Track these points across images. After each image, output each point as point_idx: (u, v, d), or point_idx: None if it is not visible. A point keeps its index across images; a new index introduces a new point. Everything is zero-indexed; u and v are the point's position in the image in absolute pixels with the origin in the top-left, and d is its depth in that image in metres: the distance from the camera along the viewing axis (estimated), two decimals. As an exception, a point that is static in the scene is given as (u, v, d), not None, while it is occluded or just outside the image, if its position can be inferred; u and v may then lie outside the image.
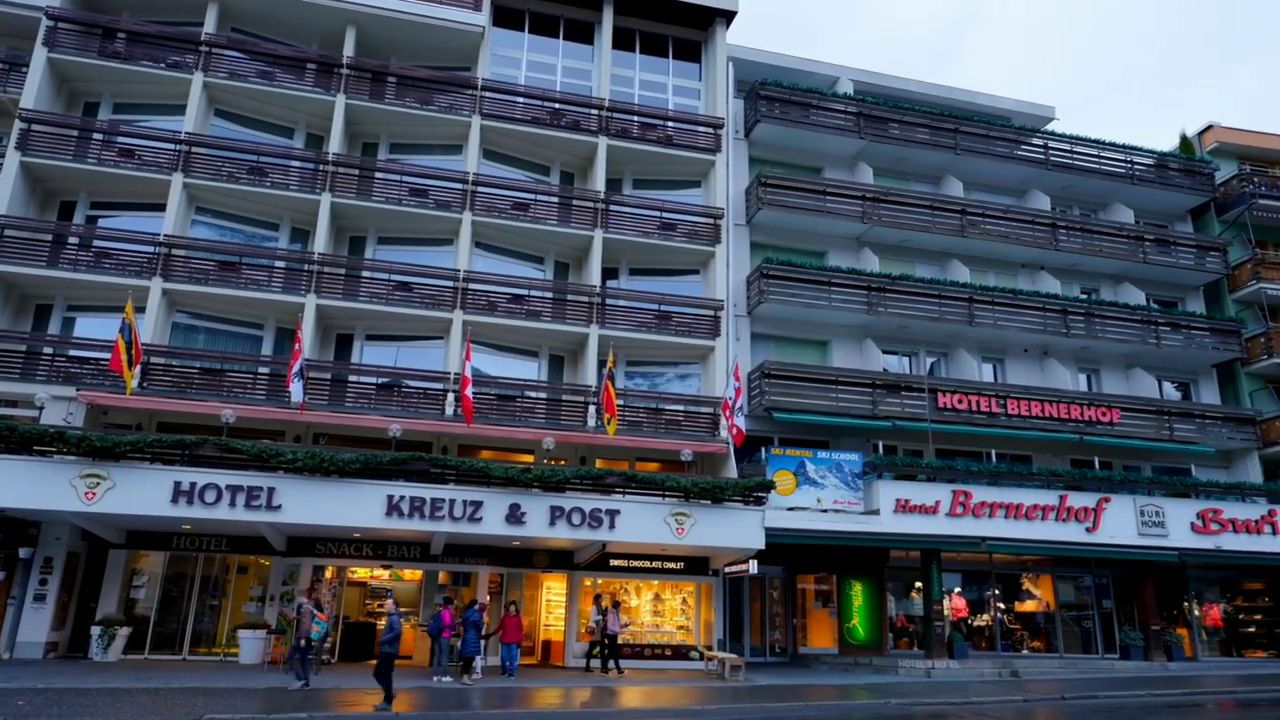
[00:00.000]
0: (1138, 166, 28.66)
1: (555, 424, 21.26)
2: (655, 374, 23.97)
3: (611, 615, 19.23)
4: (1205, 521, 22.95)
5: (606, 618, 19.11)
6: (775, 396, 22.55)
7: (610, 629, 19.10)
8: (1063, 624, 23.99)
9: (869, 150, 26.41)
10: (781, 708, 14.72)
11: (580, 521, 18.48)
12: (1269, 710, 15.27)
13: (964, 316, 24.69)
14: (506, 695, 15.32)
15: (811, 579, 24.23)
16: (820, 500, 21.38)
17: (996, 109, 29.31)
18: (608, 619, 19.11)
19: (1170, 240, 28.09)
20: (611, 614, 19.25)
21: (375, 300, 21.41)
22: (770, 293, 23.37)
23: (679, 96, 26.02)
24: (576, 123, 23.94)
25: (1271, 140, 31.54)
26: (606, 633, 19.08)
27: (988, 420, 23.85)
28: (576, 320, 22.46)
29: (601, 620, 19.18)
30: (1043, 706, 15.60)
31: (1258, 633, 25.60)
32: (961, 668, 20.27)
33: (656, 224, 23.89)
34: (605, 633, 19.09)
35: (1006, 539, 21.68)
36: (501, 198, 23.00)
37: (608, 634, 19.08)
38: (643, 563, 21.47)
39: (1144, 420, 25.27)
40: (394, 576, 22.21)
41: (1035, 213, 26.95)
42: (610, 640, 19.09)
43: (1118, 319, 26.14)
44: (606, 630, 19.08)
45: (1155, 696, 16.78)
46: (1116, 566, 23.76)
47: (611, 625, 19.13)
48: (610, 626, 19.08)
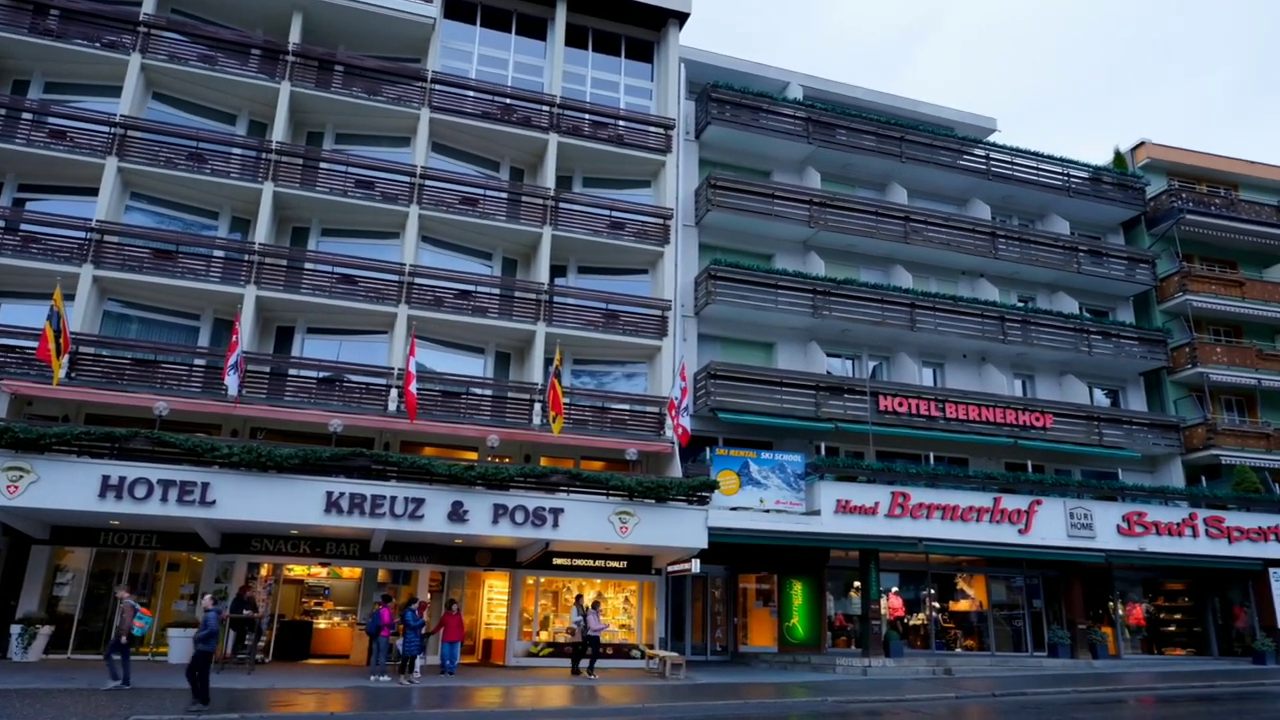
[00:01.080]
0: (1074, 179, 29.58)
1: (500, 421, 21.12)
2: (602, 373, 23.97)
3: (592, 615, 18.86)
4: (1130, 524, 23.77)
5: (588, 618, 18.71)
6: (721, 397, 22.73)
7: (593, 629, 18.71)
8: (995, 623, 24.63)
9: (817, 155, 26.77)
10: (721, 706, 14.85)
11: (524, 520, 18.39)
12: (1186, 706, 15.90)
13: (906, 321, 25.19)
14: (446, 694, 15.17)
15: (753, 578, 24.48)
16: (763, 500, 21.60)
17: (941, 119, 29.96)
18: (589, 619, 18.71)
19: (1103, 252, 29.05)
20: (592, 614, 18.88)
21: (318, 293, 21.00)
22: (717, 294, 23.54)
23: (631, 96, 26.05)
24: (527, 119, 23.80)
25: (1199, 158, 32.82)
26: (588, 633, 18.64)
27: (927, 423, 24.37)
28: (524, 317, 22.33)
29: (583, 621, 18.79)
30: (974, 703, 15.99)
31: (1177, 631, 26.62)
32: (897, 666, 20.67)
33: (606, 223, 23.88)
34: (587, 633, 18.64)
35: (943, 540, 22.19)
36: (450, 192, 22.75)
37: (590, 634, 18.63)
38: (586, 561, 21.45)
39: (1075, 425, 26.10)
40: (332, 574, 21.83)
41: (976, 221, 27.63)
42: (592, 641, 18.66)
43: (1052, 327, 26.96)
44: (588, 630, 18.64)
45: (1080, 693, 17.32)
46: (1047, 567, 24.46)
47: (594, 625, 18.75)
48: (593, 626, 18.71)
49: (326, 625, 22.06)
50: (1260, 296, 30.00)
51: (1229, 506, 25.06)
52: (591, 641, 18.66)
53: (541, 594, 21.66)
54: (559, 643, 21.07)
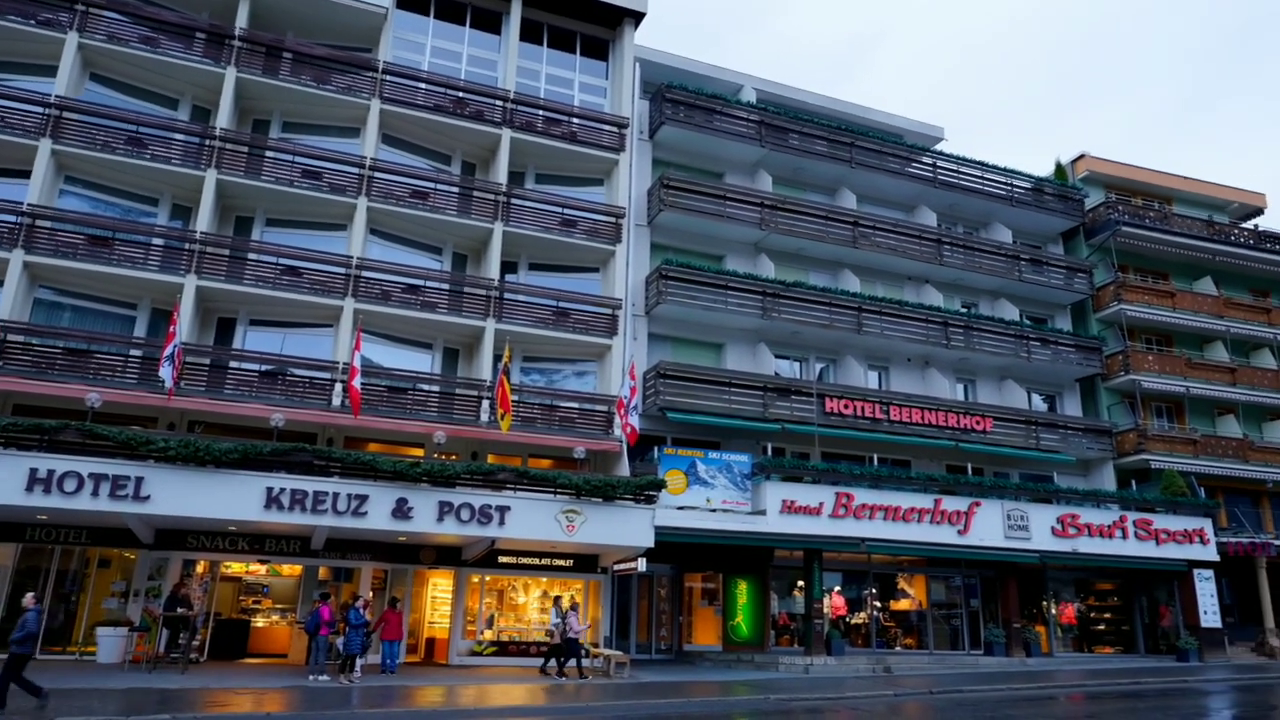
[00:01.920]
0: (1017, 189, 30.33)
1: (447, 418, 20.90)
2: (552, 370, 23.88)
3: (573, 616, 18.61)
4: (1064, 526, 24.46)
5: (569, 619, 18.46)
6: (670, 397, 22.81)
7: (575, 630, 18.43)
8: (934, 622, 25.14)
9: (769, 159, 27.02)
10: (664, 704, 14.91)
11: (470, 517, 18.22)
12: (1114, 703, 16.41)
13: (853, 325, 25.57)
14: (387, 694, 14.97)
15: (699, 577, 24.62)
16: (710, 500, 21.74)
17: (890, 126, 30.46)
18: (570, 620, 18.45)
19: (1043, 260, 29.85)
20: (573, 615, 18.64)
21: (261, 284, 20.54)
22: (668, 294, 23.62)
23: (585, 94, 25.98)
24: (480, 113, 23.59)
25: (1136, 172, 33.90)
26: (569, 635, 18.34)
27: (871, 425, 24.76)
28: (473, 313, 22.14)
29: (561, 623, 18.52)
30: (912, 701, 16.30)
31: (1107, 630, 27.48)
32: (839, 664, 20.98)
33: (558, 220, 23.79)
34: (567, 635, 18.34)
35: (885, 540, 22.58)
36: (400, 184, 22.45)
37: (571, 636, 18.33)
38: (532, 560, 21.35)
39: (1014, 429, 26.77)
40: (271, 572, 21.41)
41: (922, 228, 28.15)
42: (571, 643, 18.32)
43: (994, 333, 27.61)
44: (569, 633, 18.35)
45: (1014, 691, 17.78)
46: (984, 567, 25.04)
47: (575, 627, 18.48)
48: (574, 628, 18.44)
49: (265, 624, 21.60)
50: (1190, 307, 31.11)
51: (1157, 509, 25.94)
52: (572, 643, 18.29)
53: (487, 592, 21.51)
54: (503, 641, 20.96)
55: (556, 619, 18.80)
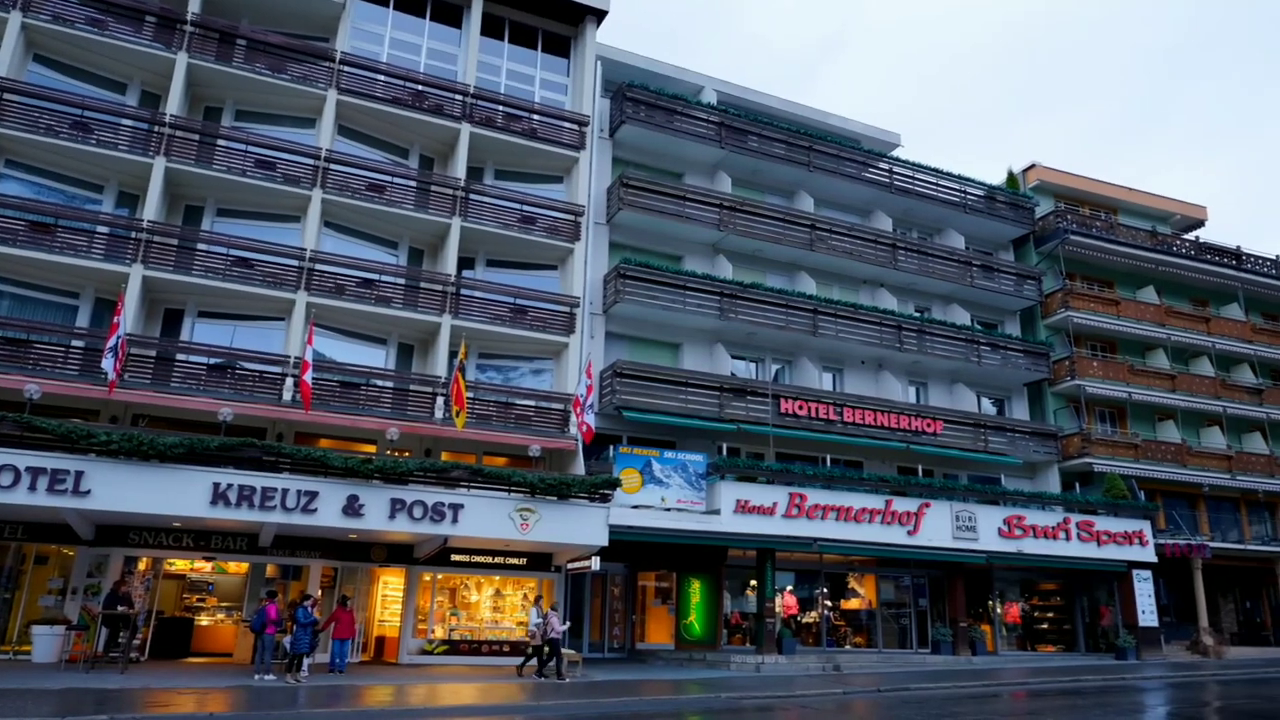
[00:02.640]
0: (970, 196, 30.89)
1: (401, 414, 20.67)
2: (508, 368, 23.74)
3: (554, 617, 18.28)
4: (1011, 527, 24.99)
5: (549, 620, 18.12)
6: (626, 396, 22.82)
7: (556, 630, 18.08)
8: (883, 621, 25.52)
9: (728, 160, 27.17)
10: (616, 703, 14.91)
11: (422, 515, 18.04)
12: (1055, 700, 16.81)
13: (808, 327, 25.84)
14: (336, 693, 14.75)
15: (652, 576, 24.68)
16: (664, 499, 21.80)
17: (848, 131, 30.82)
18: (551, 620, 18.12)
19: (994, 267, 30.45)
20: (553, 615, 18.31)
21: (211, 275, 20.10)
22: (626, 293, 23.63)
23: (546, 90, 25.86)
24: (439, 107, 23.36)
25: (1084, 182, 34.74)
26: (551, 635, 18.00)
27: (825, 427, 25.05)
28: (429, 309, 21.92)
29: (542, 624, 18.19)
30: (860, 698, 16.52)
31: (1049, 629, 28.15)
32: (789, 662, 21.18)
33: (517, 216, 23.65)
34: (549, 635, 18.00)
35: (837, 540, 22.85)
36: (356, 177, 22.13)
37: (552, 636, 18.00)
38: (485, 558, 21.21)
39: (964, 432, 27.29)
40: (217, 569, 20.98)
41: (878, 233, 28.54)
42: (553, 643, 17.98)
43: (946, 337, 28.10)
44: (550, 633, 18.00)
45: (959, 688, 18.11)
46: (932, 567, 25.49)
47: (557, 626, 18.16)
48: (556, 628, 18.11)
49: (209, 622, 21.17)
50: (1134, 315, 31.99)
51: (1099, 511, 26.63)
52: (554, 644, 17.95)
53: (438, 591, 21.31)
54: (454, 640, 20.79)
55: (538, 619, 18.40)
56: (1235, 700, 16.79)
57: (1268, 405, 33.20)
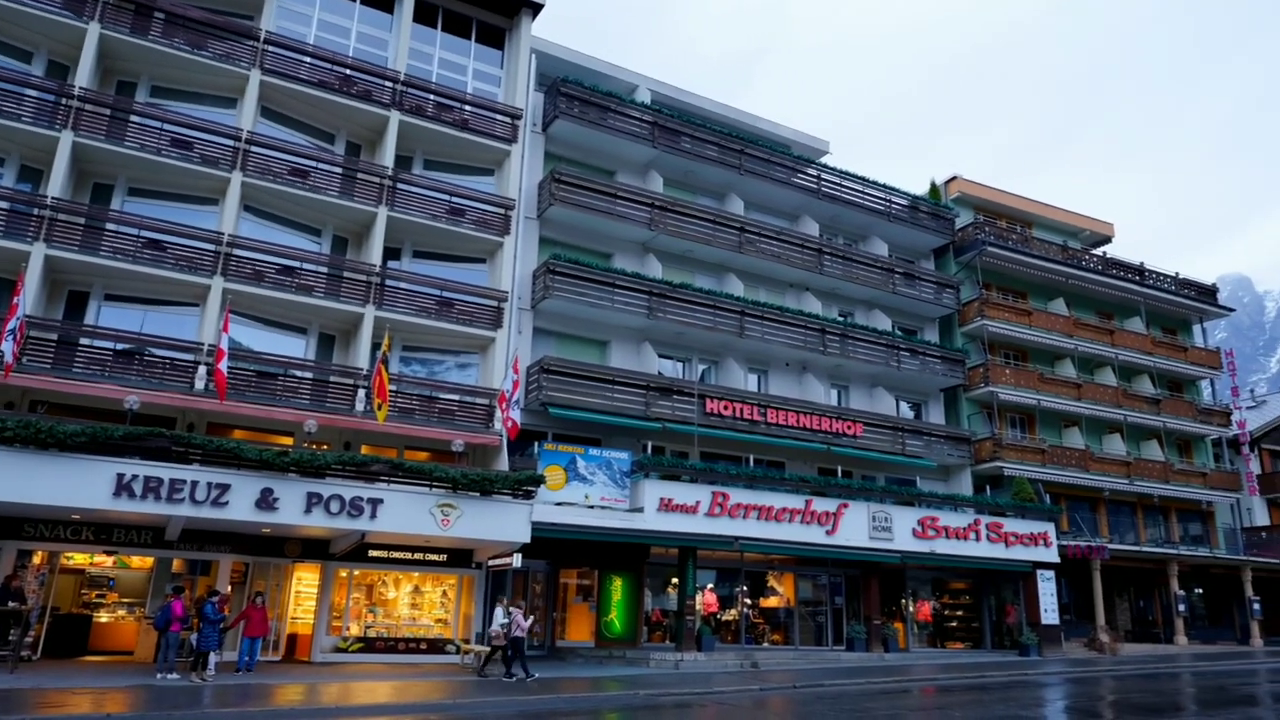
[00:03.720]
0: (894, 205, 31.69)
1: (320, 406, 20.14)
2: (434, 361, 23.36)
3: (517, 614, 17.92)
4: (924, 528, 25.73)
5: (515, 617, 17.79)
6: (553, 392, 22.71)
7: (520, 628, 17.74)
8: (800, 618, 25.98)
9: (661, 160, 27.27)
10: (534, 700, 14.83)
11: (339, 509, 17.61)
12: (962, 695, 17.38)
13: (735, 328, 26.13)
14: (243, 692, 14.30)
15: (574, 573, 24.61)
16: (588, 497, 21.77)
17: (779, 136, 31.27)
18: (516, 618, 17.79)
19: (916, 275, 31.31)
20: (517, 613, 17.94)
21: (120, 257, 19.24)
22: (555, 289, 23.50)
23: (479, 82, 25.53)
24: (368, 92, 22.83)
25: (1002, 195, 36.02)
26: (515, 634, 17.67)
27: (749, 427, 25.37)
28: (352, 299, 21.41)
29: (508, 623, 17.83)
30: (776, 695, 16.78)
31: (959, 627, 29.09)
32: (708, 659, 21.38)
33: (445, 208, 23.29)
34: (513, 634, 17.67)
35: (758, 539, 23.17)
36: (279, 161, 21.47)
37: (515, 635, 17.66)
38: (404, 554, 20.83)
39: (882, 435, 27.98)
40: (119, 564, 20.09)
41: (805, 237, 29.05)
42: (516, 641, 17.64)
43: (868, 342, 28.77)
44: (514, 631, 17.67)
45: (872, 684, 18.56)
46: (849, 566, 26.05)
47: (523, 624, 17.84)
48: (523, 626, 17.80)
49: (109, 619, 20.27)
50: (1045, 326, 33.30)
51: (1008, 514, 27.63)
52: (517, 642, 17.64)
53: (355, 587, 20.85)
54: (370, 638, 20.37)
55: (504, 618, 18.00)
56: (1129, 695, 17.63)
57: (1164, 415, 34.99)
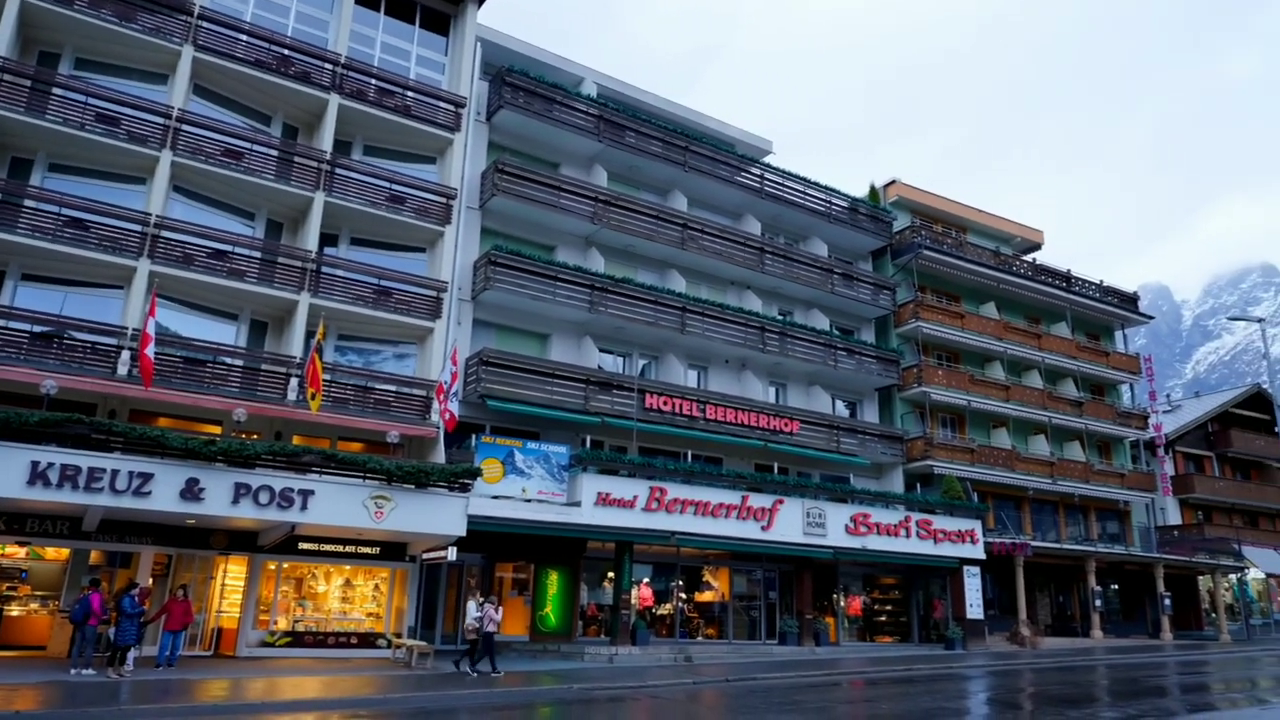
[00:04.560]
0: (835, 207, 32.19)
1: (251, 395, 19.62)
2: (370, 351, 22.95)
3: (490, 608, 17.67)
4: (857, 524, 26.23)
5: (486, 613, 17.51)
6: (491, 384, 22.51)
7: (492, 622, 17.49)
8: (734, 613, 26.26)
9: (606, 154, 27.21)
10: (467, 695, 14.71)
11: (269, 501, 17.17)
12: (889, 687, 17.79)
13: (677, 324, 26.24)
14: (164, 688, 13.87)
15: (510, 567, 24.47)
16: (525, 490, 21.65)
17: (724, 135, 31.47)
18: (488, 613, 17.52)
19: (854, 276, 31.86)
20: (490, 607, 17.70)
21: (40, 235, 18.42)
22: (496, 280, 23.29)
23: (422, 68, 25.12)
24: (307, 74, 22.27)
25: (938, 200, 36.86)
26: (486, 629, 17.39)
27: (688, 423, 25.53)
28: (286, 285, 20.89)
29: (481, 618, 17.55)
30: (709, 688, 16.95)
31: (888, 621, 29.74)
32: (642, 653, 21.47)
33: (385, 195, 22.87)
34: (484, 630, 17.40)
35: (694, 534, 23.33)
36: (211, 141, 20.80)
37: (487, 630, 17.38)
38: (335, 546, 20.42)
39: (818, 433, 28.43)
40: (32, 555, 19.25)
41: (747, 236, 29.31)
42: (488, 637, 17.39)
43: (806, 341, 29.19)
44: (486, 626, 17.40)
45: (803, 677, 18.88)
46: (783, 561, 26.42)
47: (496, 618, 17.63)
48: (496, 620, 17.58)
49: (20, 612, 19.41)
50: (976, 329, 34.22)
51: (937, 511, 28.33)
52: (488, 638, 17.40)
53: (284, 580, 20.37)
54: (299, 632, 19.94)
55: (477, 613, 17.74)
56: (1047, 687, 18.26)
57: (1086, 417, 36.27)
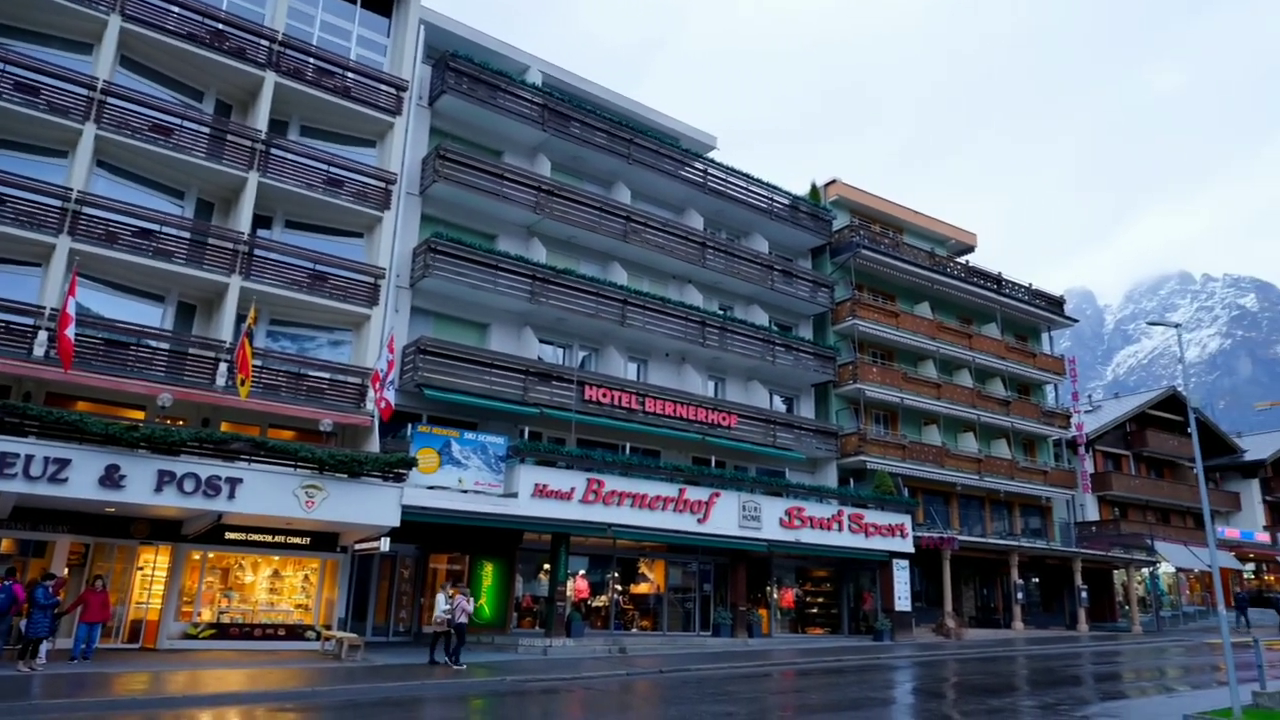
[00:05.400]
0: (776, 204, 32.54)
1: (177, 379, 18.99)
2: (304, 337, 22.41)
3: (462, 600, 17.76)
4: (791, 518, 26.62)
5: (458, 605, 17.54)
6: (429, 373, 22.21)
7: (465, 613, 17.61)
8: (669, 605, 26.43)
9: (550, 144, 27.03)
10: (398, 687, 14.53)
11: (195, 489, 16.68)
12: (819, 678, 18.13)
13: (618, 317, 26.24)
14: (78, 681, 13.39)
15: (445, 558, 24.22)
16: (462, 481, 21.43)
17: (668, 129, 31.53)
18: (460, 604, 17.57)
19: (794, 273, 32.27)
20: (462, 599, 17.79)
21: (-50, 208, 17.56)
22: (436, 268, 22.97)
23: (363, 49, 24.58)
24: (242, 50, 21.59)
25: (877, 201, 37.53)
26: (458, 620, 17.44)
27: (627, 415, 25.57)
28: (217, 267, 20.26)
29: (451, 609, 17.52)
30: (643, 679, 17.05)
31: (819, 613, 30.29)
32: (577, 645, 21.48)
33: (323, 178, 22.33)
34: (456, 620, 17.43)
35: (631, 526, 23.39)
36: (139, 115, 20.03)
37: (458, 622, 17.44)
38: (264, 536, 19.94)
39: (756, 427, 28.75)
40: (-61, 543, 18.39)
41: (690, 230, 29.44)
42: (460, 628, 17.44)
43: (745, 336, 29.48)
44: (458, 617, 17.47)
45: (735, 669, 19.12)
46: (718, 554, 26.68)
47: (466, 609, 17.72)
48: (465, 610, 17.64)
49: (-75, 603, 18.52)
50: (910, 328, 34.99)
51: (869, 506, 28.91)
52: (460, 629, 17.53)
53: (209, 571, 19.83)
54: (223, 624, 19.44)
55: (446, 605, 17.75)
56: (970, 676, 18.83)
57: (1013, 416, 37.42)
